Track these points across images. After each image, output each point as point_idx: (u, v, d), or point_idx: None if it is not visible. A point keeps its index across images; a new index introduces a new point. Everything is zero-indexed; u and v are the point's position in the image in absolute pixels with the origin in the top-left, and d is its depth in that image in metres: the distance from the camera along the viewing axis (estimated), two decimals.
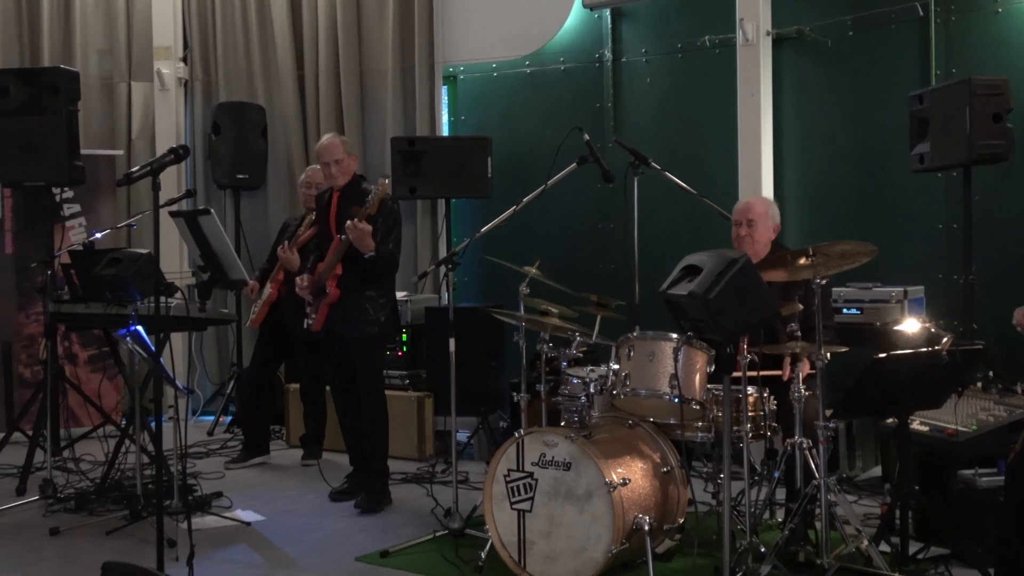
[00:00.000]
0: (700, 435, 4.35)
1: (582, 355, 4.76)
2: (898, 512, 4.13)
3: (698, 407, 4.19)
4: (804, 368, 4.22)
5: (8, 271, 7.14)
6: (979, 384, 4.63)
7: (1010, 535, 3.62)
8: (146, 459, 5.37)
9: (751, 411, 4.25)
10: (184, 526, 4.27)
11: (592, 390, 4.56)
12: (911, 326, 5.32)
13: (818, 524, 4.04)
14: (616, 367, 4.33)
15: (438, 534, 4.76)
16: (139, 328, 4.64)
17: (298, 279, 5.34)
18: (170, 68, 8.06)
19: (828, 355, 4.02)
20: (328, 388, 5.98)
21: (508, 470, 4.22)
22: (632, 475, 4.10)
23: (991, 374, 4.68)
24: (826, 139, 6.58)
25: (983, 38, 6.00)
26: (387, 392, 5.52)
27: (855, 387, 3.97)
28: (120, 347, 6.04)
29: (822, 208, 6.58)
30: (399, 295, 5.88)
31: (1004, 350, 5.43)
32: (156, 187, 4.01)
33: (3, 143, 6.31)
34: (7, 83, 6.31)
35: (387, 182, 5.12)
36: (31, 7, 7.90)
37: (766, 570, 3.88)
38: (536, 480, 4.14)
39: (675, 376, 4.11)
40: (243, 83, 8.04)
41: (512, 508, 4.20)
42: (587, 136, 5.10)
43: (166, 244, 4.65)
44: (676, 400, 4.11)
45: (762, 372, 4.20)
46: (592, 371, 4.71)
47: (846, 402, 4.10)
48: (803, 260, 4.01)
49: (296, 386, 6.77)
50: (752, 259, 3.97)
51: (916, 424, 4.42)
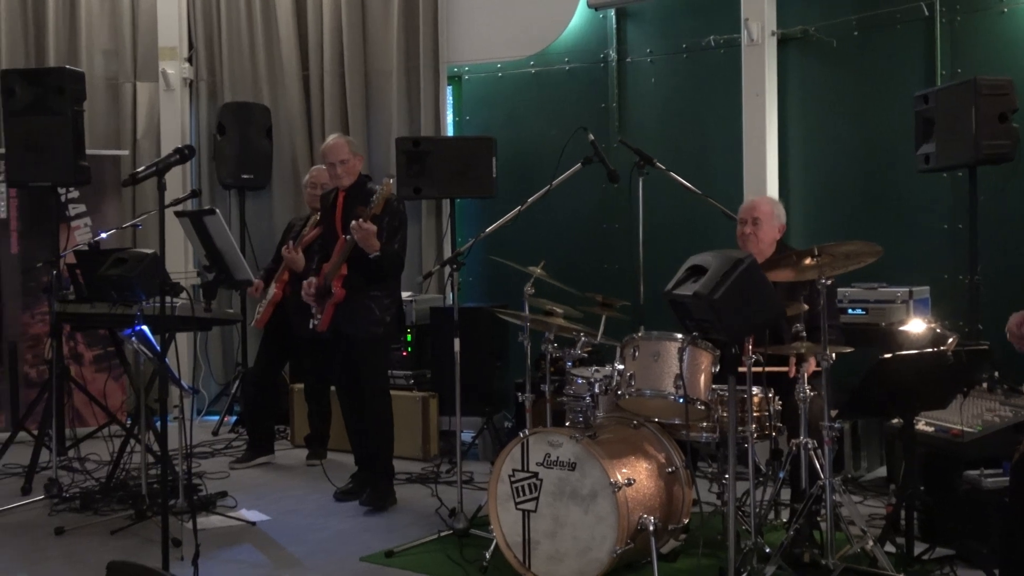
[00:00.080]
0: (705, 435, 4.34)
1: (587, 355, 4.76)
2: (903, 513, 4.12)
3: (703, 407, 4.18)
4: (810, 366, 4.22)
5: (14, 271, 7.15)
6: (984, 385, 4.61)
7: (1015, 536, 3.61)
8: (151, 459, 5.38)
9: (756, 411, 4.24)
10: (189, 526, 4.27)
11: (597, 390, 4.55)
12: (916, 326, 5.30)
13: (823, 525, 4.03)
14: (621, 367, 4.32)
15: (443, 534, 4.76)
16: (144, 328, 4.65)
17: (305, 283, 5.33)
18: (175, 68, 8.07)
19: (833, 355, 4.02)
20: (333, 388, 5.98)
21: (513, 470, 4.22)
22: (637, 475, 4.09)
23: (996, 374, 4.66)
24: (831, 139, 6.57)
25: (989, 38, 5.98)
26: (392, 392, 5.51)
27: (860, 387, 3.96)
28: (125, 347, 6.05)
29: (827, 208, 6.57)
30: (404, 295, 5.88)
31: (1010, 350, 5.36)
32: (161, 187, 4.01)
33: (9, 143, 6.33)
34: (13, 83, 6.32)
35: (392, 182, 5.12)
36: (37, 8, 7.92)
37: (771, 571, 3.87)
38: (541, 480, 4.14)
39: (680, 376, 4.11)
40: (248, 83, 8.05)
41: (517, 508, 4.20)
42: (592, 136, 5.10)
43: (171, 244, 4.64)
44: (681, 400, 4.10)
45: (768, 368, 4.19)
46: (597, 371, 4.70)
47: (851, 402, 4.10)
48: (808, 260, 4.01)
49: (301, 386, 6.76)
50: (756, 258, 3.97)
51: (921, 425, 4.41)
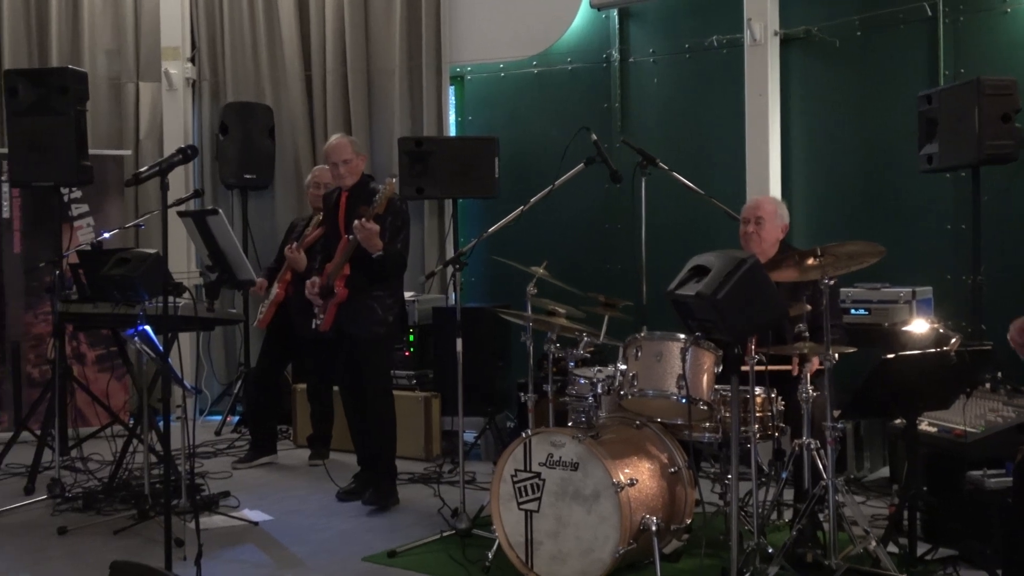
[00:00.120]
0: (708, 436, 4.34)
1: (589, 355, 4.75)
2: (906, 513, 4.12)
3: (706, 408, 4.18)
4: (813, 366, 4.22)
5: (17, 271, 7.16)
6: (987, 385, 4.61)
7: (1018, 536, 3.61)
8: (154, 459, 5.37)
9: (759, 412, 4.24)
10: (192, 526, 4.27)
11: (599, 390, 4.54)
12: (919, 327, 5.30)
13: (826, 525, 4.03)
14: (623, 367, 4.32)
15: (445, 534, 4.76)
16: (147, 328, 4.65)
17: (308, 282, 5.33)
18: (178, 68, 8.07)
19: (836, 356, 4.02)
20: (335, 388, 5.98)
21: (515, 470, 4.22)
22: (639, 475, 4.09)
23: (999, 375, 4.66)
24: (834, 139, 6.56)
25: (992, 38, 5.98)
26: (394, 392, 5.51)
27: (863, 388, 3.96)
28: (128, 347, 6.06)
29: (830, 208, 6.56)
30: (406, 295, 5.88)
31: (1012, 351, 5.38)
32: (164, 187, 4.01)
33: (12, 143, 6.33)
34: (16, 83, 6.32)
35: (394, 181, 5.11)
36: (39, 8, 7.93)
37: (774, 571, 3.87)
38: (543, 480, 4.14)
39: (683, 376, 4.10)
40: (251, 83, 8.05)
41: (519, 508, 4.20)
42: (595, 136, 5.10)
43: (174, 244, 4.64)
44: (684, 401, 4.10)
45: (771, 367, 4.19)
46: (599, 371, 4.69)
47: (854, 403, 4.09)
48: (811, 260, 4.01)
49: (303, 386, 6.76)
50: (759, 258, 3.97)
51: (924, 425, 4.41)
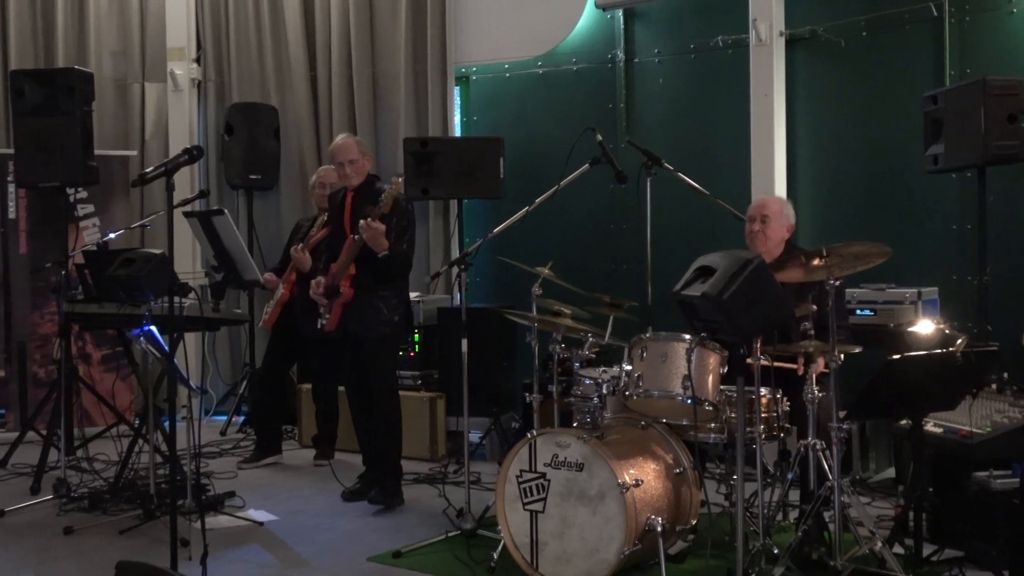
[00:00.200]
0: (713, 436, 4.34)
1: (594, 356, 4.76)
2: (912, 514, 4.12)
3: (711, 408, 4.17)
4: (818, 366, 4.21)
5: (23, 271, 7.16)
6: (994, 386, 4.61)
7: None
8: (159, 459, 5.39)
9: (764, 412, 4.24)
10: (197, 526, 4.27)
11: (605, 391, 4.55)
12: (925, 327, 5.29)
13: (831, 526, 4.02)
14: (629, 368, 4.32)
15: (450, 534, 4.76)
16: (152, 328, 4.65)
17: (314, 282, 5.34)
18: (183, 69, 8.09)
19: (842, 356, 4.01)
20: (341, 388, 5.98)
21: (520, 471, 4.22)
22: (645, 476, 4.09)
23: (1006, 376, 4.65)
24: (839, 140, 6.56)
25: (998, 38, 5.97)
26: (399, 392, 5.52)
27: (869, 388, 3.95)
28: (134, 347, 6.06)
29: (835, 209, 6.55)
30: (411, 295, 5.88)
31: (1018, 351, 5.37)
32: (170, 188, 4.02)
33: (18, 144, 6.34)
34: (22, 84, 6.34)
35: (400, 181, 5.12)
36: (45, 9, 7.95)
37: (779, 572, 3.86)
38: (549, 481, 4.14)
39: (688, 377, 4.10)
40: (256, 84, 8.06)
41: (524, 509, 4.20)
42: (600, 137, 5.10)
43: (180, 244, 4.66)
44: (689, 401, 4.10)
45: (776, 363, 4.18)
46: (605, 372, 4.70)
47: (860, 403, 4.09)
48: (817, 261, 4.00)
49: (308, 386, 6.77)
50: (765, 257, 3.96)
51: (930, 426, 4.40)
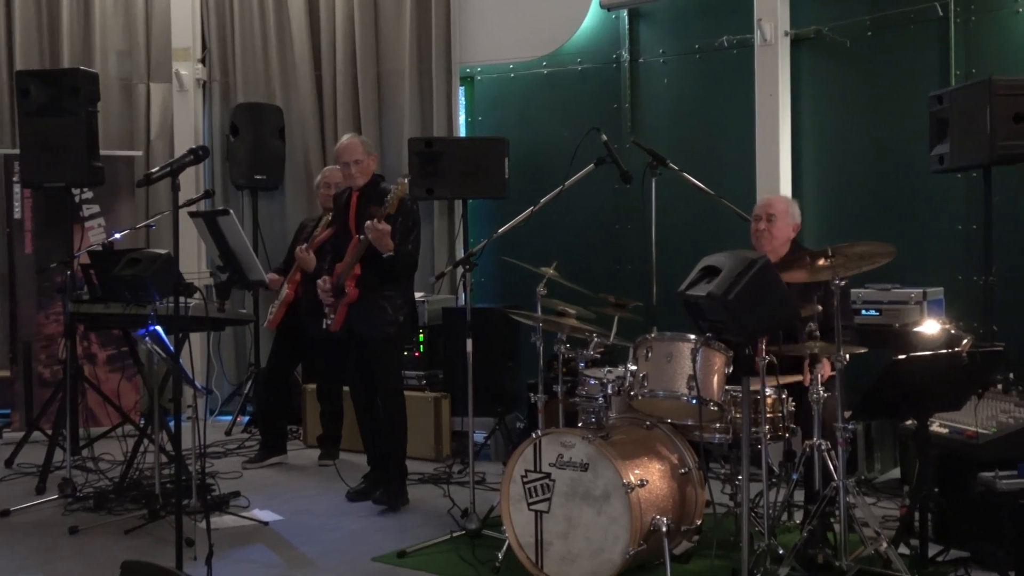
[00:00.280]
0: (718, 436, 4.33)
1: (599, 356, 4.76)
2: (917, 514, 4.11)
3: (716, 408, 4.17)
4: (825, 372, 4.21)
5: (28, 271, 7.18)
6: (999, 386, 4.60)
7: None
8: (164, 459, 5.39)
9: (769, 412, 4.23)
10: (202, 525, 4.27)
11: (609, 391, 4.55)
12: (930, 327, 5.28)
13: (837, 526, 4.02)
14: (634, 368, 4.32)
15: (455, 534, 4.76)
16: (158, 328, 4.66)
17: (319, 282, 5.34)
18: (188, 69, 8.10)
19: (847, 356, 4.01)
20: (346, 388, 5.98)
21: (525, 471, 4.22)
22: (650, 476, 4.09)
23: (1011, 376, 4.65)
24: (844, 140, 6.55)
25: (1003, 38, 5.96)
26: (404, 392, 5.51)
27: (874, 389, 3.95)
28: (139, 347, 6.07)
29: (840, 209, 6.55)
30: (416, 295, 5.88)
31: None
32: (175, 188, 4.02)
33: (24, 144, 6.36)
34: (28, 84, 6.35)
35: (406, 181, 5.12)
36: (51, 9, 7.97)
37: (784, 572, 3.86)
38: (553, 481, 4.13)
39: (693, 377, 4.09)
40: (261, 84, 8.07)
41: (529, 509, 4.20)
42: (605, 137, 5.09)
43: (185, 244, 4.63)
44: (694, 401, 4.09)
45: (782, 379, 4.18)
46: (609, 372, 4.69)
47: (865, 404, 4.08)
48: (822, 261, 4.00)
49: (313, 386, 6.77)
50: (770, 256, 3.96)
51: (935, 426, 4.40)
